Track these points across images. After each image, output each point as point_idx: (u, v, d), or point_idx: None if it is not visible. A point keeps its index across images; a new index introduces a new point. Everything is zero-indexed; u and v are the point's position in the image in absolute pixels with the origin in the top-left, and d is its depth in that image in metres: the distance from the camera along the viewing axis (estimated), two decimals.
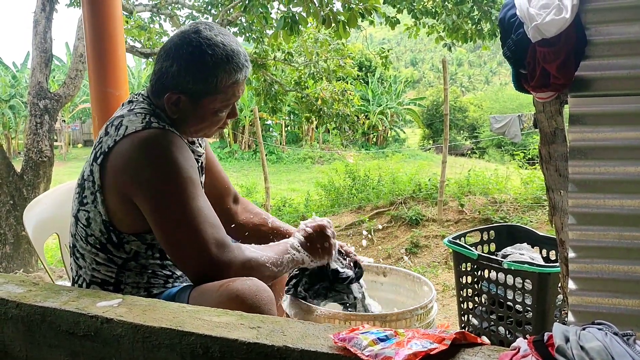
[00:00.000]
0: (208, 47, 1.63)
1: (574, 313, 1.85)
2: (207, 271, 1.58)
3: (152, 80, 1.74)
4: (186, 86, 1.65)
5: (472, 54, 68.65)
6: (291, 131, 31.93)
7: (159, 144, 1.60)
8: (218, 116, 1.74)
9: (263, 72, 9.94)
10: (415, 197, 7.47)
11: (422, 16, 8.71)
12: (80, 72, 7.05)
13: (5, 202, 6.61)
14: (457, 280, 3.27)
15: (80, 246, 1.72)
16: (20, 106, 27.45)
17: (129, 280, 1.71)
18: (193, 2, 10.00)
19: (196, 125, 1.75)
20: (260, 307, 1.48)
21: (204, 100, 1.68)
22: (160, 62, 1.69)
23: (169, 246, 1.61)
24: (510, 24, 1.85)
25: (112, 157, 1.62)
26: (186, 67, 1.64)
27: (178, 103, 1.68)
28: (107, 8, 3.38)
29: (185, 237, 1.58)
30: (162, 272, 1.75)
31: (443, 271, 5.66)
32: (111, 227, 1.65)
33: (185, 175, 1.60)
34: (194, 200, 1.59)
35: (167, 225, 1.59)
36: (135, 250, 1.69)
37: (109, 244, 1.67)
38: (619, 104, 1.75)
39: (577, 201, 1.83)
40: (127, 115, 1.67)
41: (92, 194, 1.66)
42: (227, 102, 1.72)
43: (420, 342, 1.13)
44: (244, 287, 1.50)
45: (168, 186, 1.59)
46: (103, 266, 1.69)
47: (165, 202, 1.59)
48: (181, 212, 1.58)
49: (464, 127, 32.45)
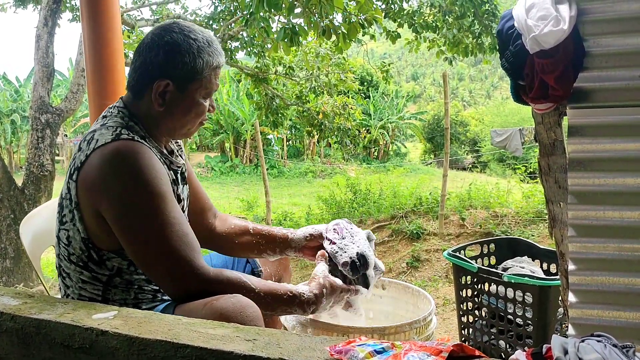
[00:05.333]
0: (190, 32, 1.69)
1: (574, 326, 1.84)
2: (180, 289, 1.56)
3: (133, 79, 1.72)
4: (173, 72, 1.66)
5: (473, 68, 68.89)
6: (292, 145, 32.02)
7: (126, 156, 1.56)
8: (201, 106, 1.74)
9: (264, 86, 9.98)
10: (416, 210, 7.45)
11: (422, 30, 8.76)
12: (82, 86, 7.08)
13: (6, 216, 6.61)
14: (457, 293, 3.25)
15: (65, 265, 1.70)
16: (22, 120, 27.55)
17: (116, 297, 1.67)
18: (194, 17, 10.05)
19: (182, 118, 1.73)
20: (245, 325, 1.45)
21: (190, 86, 1.69)
22: (143, 56, 1.69)
23: (139, 262, 1.58)
24: (508, 36, 1.85)
25: (84, 171, 1.59)
26: (172, 52, 1.66)
27: (165, 93, 1.68)
28: (107, 22, 3.39)
29: (155, 255, 1.54)
30: (149, 287, 1.71)
31: (444, 285, 5.63)
32: (90, 244, 1.62)
33: (155, 189, 1.55)
34: (164, 216, 1.55)
35: (136, 241, 1.55)
36: (118, 267, 1.65)
37: (90, 261, 1.64)
38: (618, 115, 1.75)
39: (576, 213, 1.82)
40: (99, 129, 1.65)
41: (70, 212, 1.63)
42: (209, 89, 1.73)
43: (417, 355, 1.11)
44: (227, 305, 1.46)
45: (135, 200, 1.55)
46: (89, 284, 1.66)
47: (133, 217, 1.55)
48: (149, 228, 1.54)
49: (465, 141, 32.52)
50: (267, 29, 6.25)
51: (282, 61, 10.16)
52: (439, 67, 60.74)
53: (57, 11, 6.91)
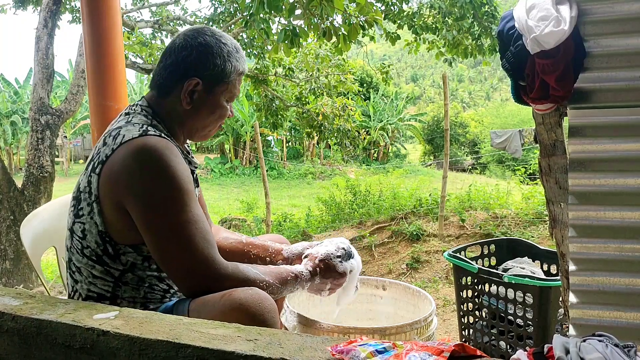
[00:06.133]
0: (221, 37, 1.77)
1: (575, 326, 1.83)
2: (197, 286, 1.57)
3: (162, 77, 1.77)
4: (205, 72, 1.73)
5: (472, 70, 68.93)
6: (292, 147, 32.03)
7: (155, 150, 1.58)
8: (224, 109, 1.81)
9: (264, 87, 9.98)
10: (416, 212, 7.45)
11: (422, 32, 8.77)
12: (82, 87, 7.08)
13: (6, 217, 6.61)
14: (458, 294, 3.25)
15: (76, 259, 1.70)
16: (21, 122, 27.54)
17: (125, 294, 1.68)
18: (194, 18, 10.06)
19: (207, 118, 1.80)
20: (264, 316, 1.46)
21: (217, 88, 1.76)
22: (175, 55, 1.74)
23: (159, 257, 1.60)
24: (509, 36, 1.85)
25: (108, 165, 1.61)
26: (205, 53, 1.73)
27: (194, 92, 1.73)
28: (107, 23, 3.40)
29: (176, 250, 1.56)
30: (159, 286, 1.72)
31: (444, 286, 5.63)
32: (107, 237, 1.63)
33: (181, 184, 1.58)
34: (188, 212, 1.58)
35: (159, 235, 1.57)
36: (132, 262, 1.67)
37: (105, 255, 1.65)
38: (618, 116, 1.75)
39: (577, 213, 1.82)
40: (125, 125, 1.67)
41: (88, 205, 1.65)
42: (233, 93, 1.81)
43: (418, 355, 1.11)
44: (246, 296, 1.48)
45: (162, 194, 1.57)
46: (100, 280, 1.67)
47: (158, 211, 1.57)
48: (174, 222, 1.56)
49: (465, 142, 32.53)
50: (267, 30, 6.26)
51: (282, 62, 10.16)
52: (438, 68, 60.82)
53: (57, 12, 6.91)
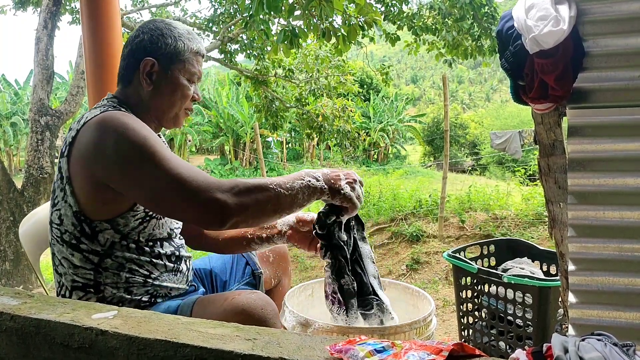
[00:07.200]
0: (171, 23, 1.85)
1: (574, 326, 1.83)
2: (205, 212, 1.52)
3: (122, 68, 1.84)
4: (158, 52, 1.77)
5: (472, 71, 68.93)
6: (292, 148, 32.07)
7: (115, 117, 1.61)
8: (186, 88, 1.82)
9: (264, 88, 9.98)
10: (416, 213, 7.44)
11: (422, 33, 8.77)
12: (82, 88, 7.09)
13: (6, 218, 6.61)
14: (457, 294, 3.25)
15: (57, 250, 1.73)
16: (21, 123, 27.55)
17: (107, 280, 1.69)
18: (194, 19, 10.06)
19: (170, 98, 1.81)
20: (267, 321, 1.47)
21: (173, 66, 1.79)
22: (129, 45, 1.82)
23: (156, 206, 1.60)
24: (508, 36, 1.85)
25: (75, 145, 1.64)
26: (155, 35, 1.79)
27: (152, 74, 1.77)
28: (107, 24, 3.40)
29: (166, 187, 1.52)
30: (139, 271, 1.73)
31: (443, 287, 5.63)
32: (82, 216, 1.65)
33: (146, 134, 1.58)
34: (161, 153, 1.55)
35: (143, 186, 1.56)
36: (111, 242, 1.68)
37: (83, 236, 1.67)
38: (618, 116, 1.75)
39: (576, 213, 1.81)
40: (89, 113, 1.72)
41: (61, 190, 1.68)
42: (192, 73, 1.83)
43: (417, 354, 1.11)
44: (249, 301, 1.49)
45: (131, 148, 1.56)
46: (80, 269, 1.69)
47: (133, 165, 1.55)
48: (151, 166, 1.53)
49: (465, 144, 32.55)
50: (267, 31, 6.26)
51: (281, 63, 10.17)
52: (438, 69, 60.83)
53: (56, 14, 6.92)
